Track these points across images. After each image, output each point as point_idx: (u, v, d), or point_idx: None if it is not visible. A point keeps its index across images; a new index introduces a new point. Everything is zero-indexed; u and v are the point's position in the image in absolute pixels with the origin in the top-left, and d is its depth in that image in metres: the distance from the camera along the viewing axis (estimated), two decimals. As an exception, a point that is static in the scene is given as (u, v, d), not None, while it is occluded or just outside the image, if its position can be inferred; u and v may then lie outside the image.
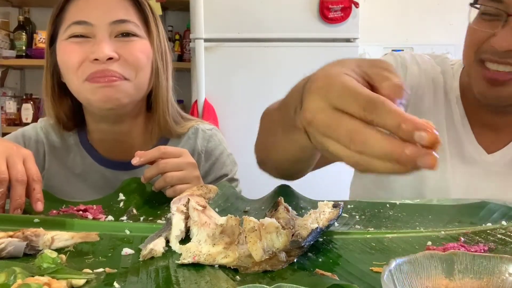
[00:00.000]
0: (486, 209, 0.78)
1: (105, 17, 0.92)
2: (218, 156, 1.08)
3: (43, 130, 1.05)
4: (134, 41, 0.94)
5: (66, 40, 0.93)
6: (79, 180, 1.03)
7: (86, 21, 0.91)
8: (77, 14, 0.93)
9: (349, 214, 0.76)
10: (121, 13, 0.94)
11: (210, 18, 2.33)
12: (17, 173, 0.73)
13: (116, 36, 0.93)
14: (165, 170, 0.82)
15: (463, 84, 0.99)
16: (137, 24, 0.95)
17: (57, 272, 0.47)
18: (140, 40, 0.95)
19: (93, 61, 0.90)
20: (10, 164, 0.74)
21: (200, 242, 0.56)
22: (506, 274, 0.43)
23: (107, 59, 0.89)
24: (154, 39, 0.98)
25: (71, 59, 0.91)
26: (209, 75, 2.35)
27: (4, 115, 2.98)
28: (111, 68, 0.90)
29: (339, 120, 0.45)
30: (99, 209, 0.75)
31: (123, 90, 0.92)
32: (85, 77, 0.90)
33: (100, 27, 0.91)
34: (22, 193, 0.73)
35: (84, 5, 0.93)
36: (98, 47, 0.90)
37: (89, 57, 0.90)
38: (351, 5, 2.37)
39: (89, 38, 0.92)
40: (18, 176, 0.73)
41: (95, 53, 0.89)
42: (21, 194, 0.73)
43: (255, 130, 0.84)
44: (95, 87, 0.90)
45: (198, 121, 1.12)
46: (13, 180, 0.73)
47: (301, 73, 0.65)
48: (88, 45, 0.91)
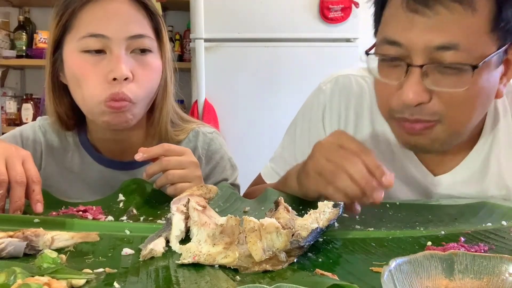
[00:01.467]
0: (486, 209, 0.78)
1: (123, 31, 0.89)
2: (219, 160, 1.08)
3: (41, 129, 1.05)
4: (148, 59, 0.92)
5: (80, 53, 0.89)
6: (77, 179, 1.03)
7: (103, 35, 0.88)
8: (92, 25, 0.89)
9: (349, 214, 0.76)
10: (138, 26, 0.91)
11: (210, 18, 2.33)
12: (16, 174, 0.73)
13: (131, 51, 0.91)
14: (168, 167, 0.82)
15: None
16: (151, 38, 0.94)
17: (57, 272, 0.47)
18: (153, 56, 0.94)
19: (110, 81, 0.88)
20: (9, 165, 0.73)
21: (200, 242, 0.56)
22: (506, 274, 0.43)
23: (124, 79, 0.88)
24: (166, 51, 0.97)
25: (89, 79, 0.89)
26: (209, 75, 2.35)
27: (4, 115, 2.98)
28: (125, 91, 0.88)
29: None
30: (98, 210, 0.75)
31: (133, 114, 0.91)
32: (102, 99, 0.88)
33: (117, 42, 0.88)
34: (21, 195, 0.73)
35: (100, 15, 0.90)
36: (115, 65, 0.87)
37: (108, 76, 0.87)
38: (351, 5, 2.37)
39: (103, 53, 0.89)
40: (18, 177, 0.73)
41: (113, 73, 0.87)
42: (20, 196, 0.73)
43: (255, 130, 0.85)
44: (107, 111, 0.89)
45: (199, 124, 1.11)
46: (12, 181, 0.73)
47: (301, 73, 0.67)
48: (104, 61, 0.88)
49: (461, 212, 0.77)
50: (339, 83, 1.01)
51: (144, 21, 0.93)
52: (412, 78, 0.74)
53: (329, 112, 1.01)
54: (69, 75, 0.92)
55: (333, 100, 1.00)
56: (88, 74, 0.89)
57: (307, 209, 0.66)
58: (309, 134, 1.04)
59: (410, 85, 0.74)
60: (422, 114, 0.76)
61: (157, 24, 0.96)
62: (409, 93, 0.74)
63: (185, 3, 2.50)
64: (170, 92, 1.01)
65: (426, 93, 0.74)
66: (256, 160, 2.24)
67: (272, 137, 2.36)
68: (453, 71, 0.74)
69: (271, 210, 0.66)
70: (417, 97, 0.74)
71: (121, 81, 0.88)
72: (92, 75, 0.88)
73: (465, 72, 0.73)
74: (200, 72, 2.33)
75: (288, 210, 0.63)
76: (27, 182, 0.74)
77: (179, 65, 1.07)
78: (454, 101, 0.75)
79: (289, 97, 2.35)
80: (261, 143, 2.34)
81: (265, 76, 2.38)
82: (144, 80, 0.91)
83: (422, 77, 0.74)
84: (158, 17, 0.97)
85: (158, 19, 0.96)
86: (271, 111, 2.36)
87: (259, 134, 2.35)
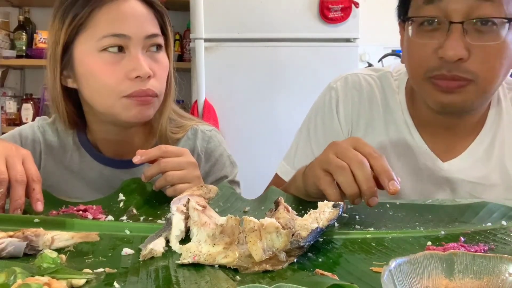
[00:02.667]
0: (486, 209, 0.78)
1: (141, 30, 0.91)
2: (218, 157, 1.08)
3: (40, 129, 1.05)
4: (160, 56, 0.95)
5: (99, 52, 0.90)
6: (77, 178, 1.03)
7: (125, 34, 0.90)
8: (112, 25, 0.90)
9: (349, 214, 0.76)
10: (151, 25, 0.94)
11: (210, 18, 2.33)
12: (16, 173, 0.73)
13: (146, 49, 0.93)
14: (166, 169, 0.82)
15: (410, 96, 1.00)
16: (161, 36, 0.96)
17: (57, 272, 0.47)
18: (164, 54, 0.97)
19: (133, 79, 0.90)
20: (9, 164, 0.74)
21: (200, 242, 0.56)
22: (506, 274, 0.43)
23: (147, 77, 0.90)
24: (171, 49, 1.00)
25: (109, 77, 0.90)
26: (209, 75, 2.35)
27: (4, 115, 2.98)
28: (149, 87, 0.91)
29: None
30: (99, 209, 0.75)
31: (154, 107, 0.95)
32: (126, 94, 0.90)
33: (136, 41, 0.90)
34: (21, 194, 0.73)
35: (118, 15, 0.91)
36: (137, 64, 0.89)
37: (130, 75, 0.89)
38: (351, 5, 2.37)
39: (121, 53, 0.91)
40: (18, 176, 0.73)
41: (136, 71, 0.89)
42: (21, 195, 0.73)
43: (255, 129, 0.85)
44: (131, 104, 0.91)
45: (198, 122, 1.11)
46: (12, 180, 0.73)
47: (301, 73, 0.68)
48: (124, 60, 0.90)
49: (461, 212, 0.77)
50: (348, 80, 1.06)
51: (155, 20, 0.96)
52: (453, 35, 0.81)
53: (342, 104, 1.05)
54: (86, 76, 0.93)
55: (346, 94, 1.05)
56: (109, 73, 0.90)
57: (307, 209, 0.66)
58: (323, 128, 1.07)
59: (452, 41, 0.80)
60: (460, 71, 0.82)
61: (163, 23, 0.98)
62: (451, 48, 0.80)
63: (185, 3, 2.50)
64: (173, 89, 1.02)
65: (465, 50, 0.81)
66: (256, 159, 2.26)
67: (272, 137, 2.37)
68: (489, 28, 0.81)
69: (271, 210, 0.66)
70: (458, 52, 0.80)
71: (144, 79, 0.90)
72: (113, 73, 0.90)
73: (499, 27, 0.81)
74: (200, 72, 2.33)
75: (288, 210, 0.63)
76: (27, 181, 0.74)
77: (179, 65, 1.07)
78: (488, 59, 0.82)
79: (289, 97, 2.36)
80: (261, 142, 2.34)
81: (265, 76, 2.38)
82: (161, 76, 0.95)
83: (463, 34, 0.80)
84: (165, 15, 0.98)
85: (165, 19, 0.98)
86: (271, 111, 2.36)
87: (259, 134, 2.35)
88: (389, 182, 0.68)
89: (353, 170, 0.69)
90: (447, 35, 0.81)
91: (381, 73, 1.06)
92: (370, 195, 0.69)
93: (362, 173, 0.69)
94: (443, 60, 0.82)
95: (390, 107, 1.01)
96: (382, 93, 1.03)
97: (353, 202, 0.71)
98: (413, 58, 0.89)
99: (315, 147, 1.06)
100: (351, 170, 0.70)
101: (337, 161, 0.71)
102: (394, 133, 1.00)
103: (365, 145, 0.73)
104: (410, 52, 0.90)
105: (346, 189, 0.70)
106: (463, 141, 0.96)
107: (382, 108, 1.02)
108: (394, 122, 1.00)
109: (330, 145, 0.76)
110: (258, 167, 1.89)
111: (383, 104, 1.02)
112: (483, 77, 0.83)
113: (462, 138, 0.95)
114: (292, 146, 1.13)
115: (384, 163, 0.70)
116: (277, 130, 2.30)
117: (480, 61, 0.82)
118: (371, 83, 1.05)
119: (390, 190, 0.68)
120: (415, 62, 0.89)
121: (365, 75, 1.06)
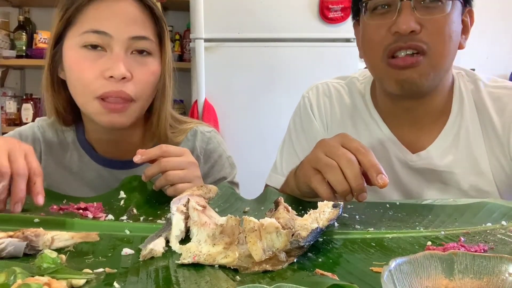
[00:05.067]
0: (486, 209, 0.78)
1: (125, 31, 0.90)
2: (217, 158, 1.08)
3: (40, 129, 1.06)
4: (147, 61, 0.93)
5: (80, 48, 0.90)
6: (76, 178, 1.03)
7: (106, 32, 0.88)
8: (96, 21, 0.90)
9: (349, 214, 0.76)
10: (140, 28, 0.92)
11: (210, 18, 2.33)
12: (18, 167, 0.73)
13: (131, 52, 0.91)
14: (166, 168, 0.82)
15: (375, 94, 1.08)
16: (152, 40, 0.94)
17: (57, 272, 0.47)
18: (153, 60, 0.94)
19: (108, 78, 0.88)
20: (11, 158, 0.74)
21: (200, 242, 0.56)
22: (506, 274, 0.43)
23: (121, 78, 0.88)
24: (167, 56, 0.98)
25: (85, 74, 0.89)
26: (209, 75, 2.35)
27: (4, 115, 2.98)
28: (123, 89, 0.89)
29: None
30: (99, 207, 0.75)
31: (129, 114, 0.92)
32: (98, 95, 0.89)
33: (118, 41, 0.89)
34: (23, 187, 0.73)
35: (105, 12, 0.90)
36: (114, 64, 0.88)
37: (104, 74, 0.88)
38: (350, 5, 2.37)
39: (103, 51, 0.90)
40: (20, 170, 0.73)
41: (110, 71, 0.88)
42: (22, 188, 0.73)
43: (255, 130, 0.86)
44: (104, 111, 0.90)
45: (197, 123, 1.11)
46: (14, 173, 0.73)
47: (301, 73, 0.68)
48: (103, 59, 0.89)
49: (461, 212, 0.78)
50: (319, 89, 1.16)
51: (147, 24, 0.94)
52: (404, 11, 0.90)
53: (316, 109, 1.14)
54: (67, 69, 0.93)
55: (318, 100, 1.14)
56: (85, 69, 0.89)
57: (307, 209, 0.66)
58: (304, 132, 1.14)
59: (404, 17, 0.89)
60: (414, 41, 0.90)
61: (161, 29, 0.97)
62: (404, 22, 0.89)
63: (185, 3, 2.50)
64: (169, 96, 1.01)
65: (416, 23, 0.90)
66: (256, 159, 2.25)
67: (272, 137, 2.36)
68: (435, 3, 0.91)
69: (271, 210, 0.66)
70: (411, 25, 0.89)
71: (118, 80, 0.88)
72: (89, 70, 0.89)
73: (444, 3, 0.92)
74: (200, 72, 2.33)
75: (288, 210, 0.63)
76: (28, 175, 0.75)
77: (179, 65, 1.07)
78: (437, 30, 0.91)
79: (289, 97, 2.35)
80: (261, 142, 2.34)
81: (265, 76, 2.38)
82: (142, 80, 0.92)
83: (412, 10, 0.90)
84: (163, 22, 0.97)
85: (162, 24, 0.97)
86: (270, 111, 2.36)
87: (259, 134, 2.35)
88: (377, 176, 0.70)
89: (342, 168, 0.72)
90: (398, 13, 0.90)
91: (348, 80, 1.15)
92: (360, 192, 0.72)
93: (351, 170, 0.71)
94: (398, 34, 0.90)
95: (358, 108, 1.09)
96: (350, 97, 1.12)
97: (345, 199, 0.73)
98: (370, 41, 0.96)
99: (300, 152, 1.12)
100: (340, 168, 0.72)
101: (326, 160, 0.74)
102: (364, 131, 1.07)
103: (352, 141, 0.76)
104: (367, 37, 0.97)
105: (337, 186, 0.72)
106: (430, 133, 1.02)
107: (351, 110, 1.10)
108: (363, 121, 1.08)
109: (318, 143, 0.79)
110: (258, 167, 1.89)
111: (352, 106, 1.11)
112: (434, 49, 0.91)
113: (429, 130, 1.02)
114: (277, 158, 1.18)
115: (372, 158, 0.72)
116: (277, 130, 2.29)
117: (430, 33, 0.90)
118: (339, 89, 1.14)
119: (379, 184, 0.70)
120: (372, 45, 0.95)
121: (333, 83, 1.16)
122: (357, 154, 0.72)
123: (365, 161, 0.72)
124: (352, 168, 0.71)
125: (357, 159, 0.72)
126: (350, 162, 0.72)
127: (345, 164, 0.72)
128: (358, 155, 0.72)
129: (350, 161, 0.72)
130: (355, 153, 0.73)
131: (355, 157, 0.72)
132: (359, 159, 0.72)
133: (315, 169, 0.75)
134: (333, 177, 0.72)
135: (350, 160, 0.72)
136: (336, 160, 0.72)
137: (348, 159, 0.72)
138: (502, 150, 0.98)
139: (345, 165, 0.72)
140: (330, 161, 0.73)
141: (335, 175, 0.72)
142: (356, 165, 0.72)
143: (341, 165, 0.72)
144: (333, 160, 0.73)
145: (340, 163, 0.72)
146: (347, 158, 0.72)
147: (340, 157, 0.72)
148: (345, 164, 0.72)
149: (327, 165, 0.73)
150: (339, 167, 0.72)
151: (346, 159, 0.72)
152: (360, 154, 0.72)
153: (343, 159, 0.72)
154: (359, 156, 0.72)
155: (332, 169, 0.72)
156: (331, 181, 0.72)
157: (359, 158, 0.72)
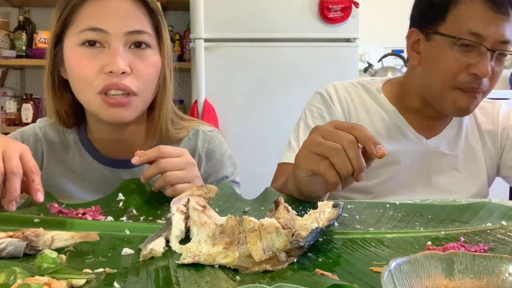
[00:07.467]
0: (486, 209, 0.78)
1: (122, 26, 0.91)
2: (219, 157, 1.08)
3: (42, 130, 1.06)
4: (147, 54, 0.94)
5: (78, 46, 0.91)
6: (78, 178, 1.03)
7: (102, 29, 0.90)
8: (92, 19, 0.91)
9: (349, 214, 0.76)
10: (137, 23, 0.93)
11: (210, 18, 2.33)
12: (12, 166, 0.74)
13: (130, 46, 0.92)
14: (165, 169, 0.82)
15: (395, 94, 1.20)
16: (150, 34, 0.95)
17: (57, 272, 0.47)
18: (152, 52, 0.95)
19: (108, 73, 0.89)
20: (5, 158, 0.74)
21: (200, 242, 0.56)
22: (506, 274, 0.43)
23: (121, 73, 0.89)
24: (165, 48, 0.98)
25: (85, 71, 0.90)
26: (209, 75, 2.34)
27: (4, 115, 2.98)
28: (124, 82, 0.90)
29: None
30: (98, 210, 0.75)
31: (132, 108, 0.93)
32: (99, 90, 0.90)
33: (115, 36, 0.90)
34: (17, 186, 0.73)
35: (100, 10, 0.92)
36: (113, 59, 0.89)
37: (104, 69, 0.89)
38: (351, 5, 2.37)
39: (101, 47, 0.91)
40: (14, 169, 0.74)
41: (110, 66, 0.89)
42: (16, 187, 0.73)
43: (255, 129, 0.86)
44: (105, 105, 0.90)
45: (199, 122, 1.12)
46: (8, 172, 0.73)
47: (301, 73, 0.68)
48: (102, 55, 0.90)
49: (461, 212, 0.78)
50: (337, 86, 1.23)
51: (143, 18, 0.95)
52: (486, 59, 1.01)
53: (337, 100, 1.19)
54: (69, 69, 0.94)
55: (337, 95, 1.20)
56: (85, 66, 0.90)
57: (307, 209, 0.66)
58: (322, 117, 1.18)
59: (485, 63, 1.01)
60: (482, 85, 1.05)
61: (157, 21, 0.97)
62: (486, 68, 1.01)
63: (185, 3, 2.50)
64: (170, 90, 1.01)
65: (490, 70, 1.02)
66: (256, 159, 2.26)
67: (272, 137, 2.37)
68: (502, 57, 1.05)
69: (271, 210, 0.66)
70: (489, 73, 1.02)
71: (118, 75, 0.89)
72: (89, 67, 0.90)
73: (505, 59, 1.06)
74: (200, 72, 2.33)
75: (288, 210, 0.63)
76: (26, 174, 0.75)
77: (179, 65, 1.07)
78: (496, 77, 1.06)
79: (289, 97, 2.35)
80: (261, 142, 2.34)
81: (265, 76, 2.38)
82: (143, 74, 0.93)
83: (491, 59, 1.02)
84: (158, 14, 0.98)
85: (158, 17, 0.97)
86: (271, 111, 2.36)
87: (259, 134, 2.35)
88: (375, 147, 0.71)
89: (345, 149, 0.72)
90: (481, 58, 1.01)
91: (359, 82, 1.24)
92: (360, 171, 0.73)
93: (354, 151, 0.72)
94: (475, 76, 1.02)
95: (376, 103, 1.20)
96: (367, 95, 1.22)
97: (345, 182, 0.74)
98: (446, 68, 1.05)
99: None
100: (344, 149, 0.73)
101: (330, 143, 0.74)
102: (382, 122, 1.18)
103: (344, 122, 0.78)
104: (443, 62, 1.06)
105: (342, 169, 0.72)
106: (439, 125, 1.19)
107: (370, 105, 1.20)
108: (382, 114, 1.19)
109: (313, 130, 0.79)
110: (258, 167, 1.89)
111: (370, 102, 1.20)
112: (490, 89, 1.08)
113: (438, 123, 1.19)
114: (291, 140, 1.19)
115: (367, 131, 0.74)
116: (277, 130, 2.30)
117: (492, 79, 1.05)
118: (355, 88, 1.23)
119: (377, 154, 0.71)
120: (446, 72, 1.05)
121: (347, 84, 1.24)
122: (352, 132, 0.73)
123: (361, 136, 0.73)
124: (355, 149, 0.72)
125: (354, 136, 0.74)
126: (352, 142, 0.72)
127: (348, 145, 0.72)
128: (354, 132, 0.73)
129: (352, 141, 0.72)
130: (351, 131, 0.74)
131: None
132: (355, 135, 0.73)
133: (318, 155, 0.75)
134: (339, 159, 0.72)
135: (351, 141, 0.72)
136: (339, 142, 0.73)
137: (349, 140, 0.72)
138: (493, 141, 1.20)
139: (348, 145, 0.72)
140: (334, 144, 0.73)
141: (341, 157, 0.72)
142: (357, 145, 0.73)
143: (344, 146, 0.72)
144: (336, 143, 0.73)
145: (343, 144, 0.73)
146: (348, 139, 0.73)
147: (342, 139, 0.73)
148: (347, 145, 0.72)
149: (331, 148, 0.73)
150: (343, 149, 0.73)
151: (347, 140, 0.72)
152: (355, 130, 0.73)
153: (345, 140, 0.72)
154: (354, 132, 0.73)
155: (337, 152, 0.72)
156: (337, 164, 0.72)
157: (355, 134, 0.73)
